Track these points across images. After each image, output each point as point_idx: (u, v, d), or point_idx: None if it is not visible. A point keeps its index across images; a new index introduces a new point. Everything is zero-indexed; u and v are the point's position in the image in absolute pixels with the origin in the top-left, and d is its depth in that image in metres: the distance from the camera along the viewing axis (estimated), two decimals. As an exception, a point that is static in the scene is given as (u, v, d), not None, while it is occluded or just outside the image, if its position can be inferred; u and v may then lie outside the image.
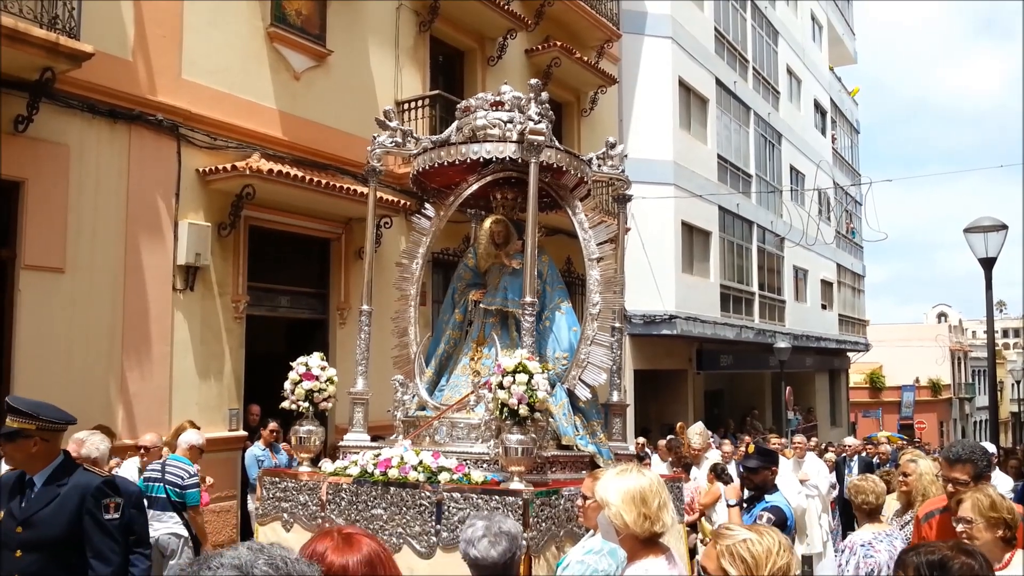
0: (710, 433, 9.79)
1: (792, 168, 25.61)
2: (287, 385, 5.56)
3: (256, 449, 8.96)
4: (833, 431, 29.17)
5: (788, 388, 22.43)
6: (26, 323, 7.62)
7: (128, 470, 6.88)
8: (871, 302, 38.77)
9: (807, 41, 28.21)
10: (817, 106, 28.94)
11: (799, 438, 11.15)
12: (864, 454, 13.99)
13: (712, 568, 2.13)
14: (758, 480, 5.39)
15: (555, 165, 5.65)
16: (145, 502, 4.78)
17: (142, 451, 7.05)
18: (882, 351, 39.32)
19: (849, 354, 32.41)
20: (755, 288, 22.09)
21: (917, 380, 45.02)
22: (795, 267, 25.43)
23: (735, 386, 25.78)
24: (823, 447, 16.55)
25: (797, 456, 10.21)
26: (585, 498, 3.60)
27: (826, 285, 28.64)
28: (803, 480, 9.81)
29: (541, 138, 5.29)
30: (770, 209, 23.69)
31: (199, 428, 7.60)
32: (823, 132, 29.49)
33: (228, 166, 9.10)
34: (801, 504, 9.51)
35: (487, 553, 2.85)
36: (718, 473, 8.48)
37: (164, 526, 6.62)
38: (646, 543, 2.80)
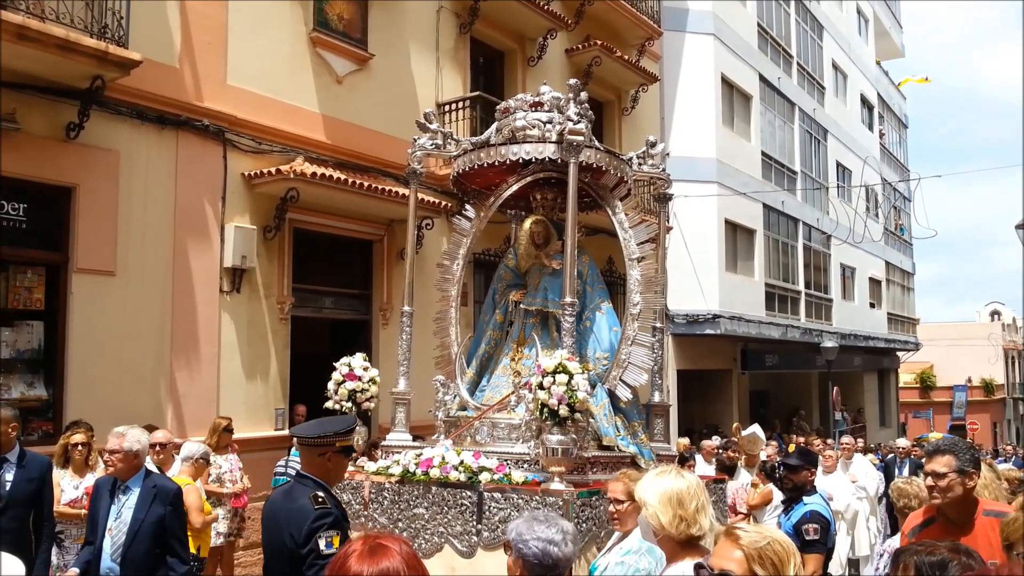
0: (764, 439, 9.58)
1: (838, 164, 25.18)
2: (330, 385, 5.63)
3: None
4: (882, 432, 28.63)
5: (835, 388, 22.05)
6: (79, 325, 7.81)
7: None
8: (921, 300, 38.02)
9: (853, 35, 27.72)
10: (864, 101, 28.42)
11: (847, 439, 10.98)
12: (913, 456, 13.66)
13: (741, 571, 2.11)
14: (797, 480, 5.34)
15: (595, 165, 5.64)
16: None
17: (157, 448, 6.95)
18: (933, 350, 38.47)
19: (899, 353, 31.78)
20: (801, 286, 21.76)
21: (969, 380, 43.98)
22: (842, 265, 25.01)
23: (781, 386, 25.40)
24: (874, 448, 16.22)
25: (844, 457, 10.05)
26: (618, 501, 3.56)
27: (874, 283, 28.11)
28: (852, 481, 9.67)
29: (580, 138, 5.29)
30: (816, 206, 23.32)
31: (230, 419, 8.01)
32: (870, 127, 28.95)
33: (273, 170, 9.24)
34: (854, 505, 9.36)
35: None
36: (768, 472, 8.32)
37: None
38: (685, 545, 2.78)
